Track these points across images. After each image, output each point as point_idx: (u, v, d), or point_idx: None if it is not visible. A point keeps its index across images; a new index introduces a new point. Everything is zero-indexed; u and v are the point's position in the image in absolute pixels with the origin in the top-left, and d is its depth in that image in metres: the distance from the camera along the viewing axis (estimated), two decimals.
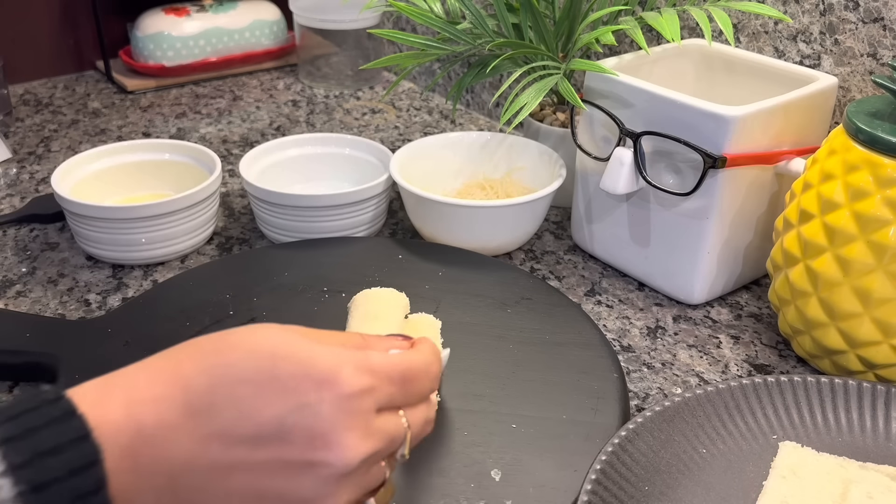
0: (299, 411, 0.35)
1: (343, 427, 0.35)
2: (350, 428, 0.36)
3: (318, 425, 0.35)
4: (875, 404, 0.55)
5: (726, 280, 0.70)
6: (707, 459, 0.52)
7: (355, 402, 0.36)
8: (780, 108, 0.63)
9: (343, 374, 0.36)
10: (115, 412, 0.33)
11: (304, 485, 0.35)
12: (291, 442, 0.35)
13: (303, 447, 0.35)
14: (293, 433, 0.35)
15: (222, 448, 0.34)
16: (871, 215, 0.54)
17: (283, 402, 0.35)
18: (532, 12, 0.73)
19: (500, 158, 0.82)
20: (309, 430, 0.35)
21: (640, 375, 0.62)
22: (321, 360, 0.36)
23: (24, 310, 0.68)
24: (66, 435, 0.30)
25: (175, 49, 1.14)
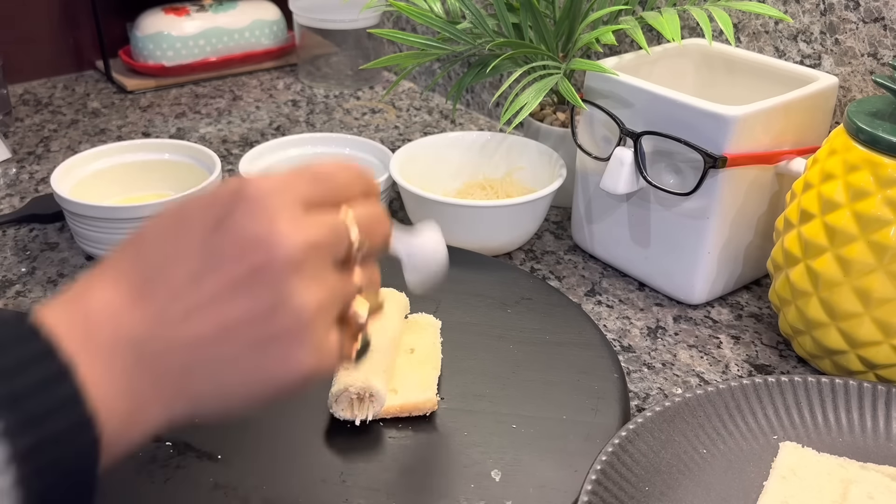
0: (219, 228, 0.34)
1: (268, 221, 0.34)
2: (276, 220, 0.34)
3: (243, 232, 0.34)
4: (875, 404, 0.55)
5: (727, 280, 0.69)
6: (707, 460, 0.52)
7: (272, 200, 0.35)
8: (781, 108, 0.63)
9: (249, 184, 0.35)
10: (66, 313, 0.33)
11: (261, 296, 0.34)
12: (226, 259, 0.34)
13: (238, 258, 0.34)
14: (223, 251, 0.34)
15: (168, 299, 0.34)
16: (872, 215, 0.54)
17: (202, 227, 0.34)
18: (532, 12, 0.73)
19: (500, 158, 0.82)
20: (236, 240, 0.34)
21: (641, 375, 0.62)
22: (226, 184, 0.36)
23: (23, 310, 0.68)
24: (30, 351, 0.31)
25: (175, 49, 1.14)
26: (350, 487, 0.49)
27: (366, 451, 0.51)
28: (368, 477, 0.49)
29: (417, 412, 0.54)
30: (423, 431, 0.53)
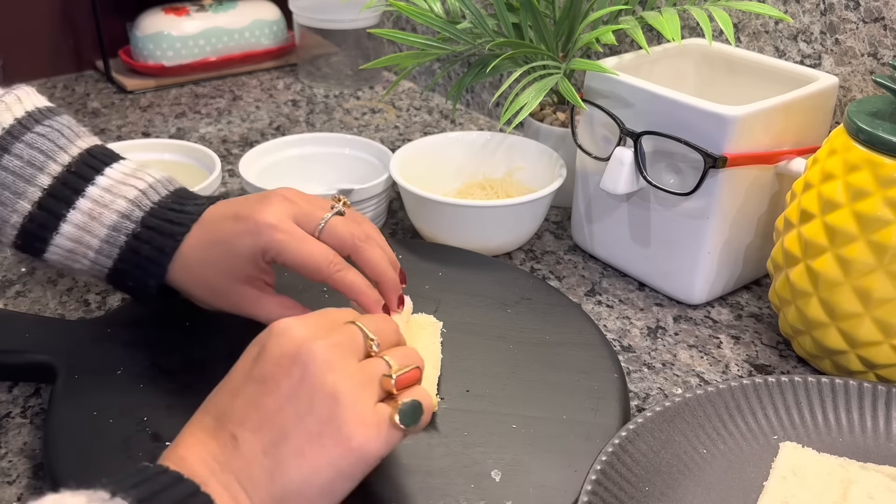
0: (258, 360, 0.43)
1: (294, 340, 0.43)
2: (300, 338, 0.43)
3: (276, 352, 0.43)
4: (875, 404, 0.55)
5: (727, 280, 0.69)
6: (707, 460, 0.52)
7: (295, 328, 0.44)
8: (781, 108, 0.63)
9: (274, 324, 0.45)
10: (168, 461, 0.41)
11: (301, 395, 0.42)
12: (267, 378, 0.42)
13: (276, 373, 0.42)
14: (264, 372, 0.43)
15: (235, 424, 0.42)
16: (872, 215, 0.54)
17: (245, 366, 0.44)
18: (532, 12, 0.73)
19: (500, 158, 0.82)
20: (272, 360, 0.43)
21: (641, 375, 0.62)
22: None
23: (23, 310, 0.68)
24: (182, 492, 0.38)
25: (175, 49, 1.14)
26: None
27: None
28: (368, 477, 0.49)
29: None
30: (423, 431, 0.53)
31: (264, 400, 0.42)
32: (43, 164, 0.56)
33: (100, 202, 0.56)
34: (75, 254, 0.56)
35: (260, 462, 0.41)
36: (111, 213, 0.56)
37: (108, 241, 0.56)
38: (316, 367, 0.42)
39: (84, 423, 0.52)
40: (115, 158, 0.59)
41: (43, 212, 0.55)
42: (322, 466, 0.41)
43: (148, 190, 0.58)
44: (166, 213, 0.57)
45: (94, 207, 0.56)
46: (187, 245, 0.56)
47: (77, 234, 0.56)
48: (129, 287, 0.58)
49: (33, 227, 0.56)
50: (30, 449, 0.55)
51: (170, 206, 0.57)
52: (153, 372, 0.57)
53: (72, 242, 0.56)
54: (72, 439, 0.51)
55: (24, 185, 0.55)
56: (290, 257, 0.55)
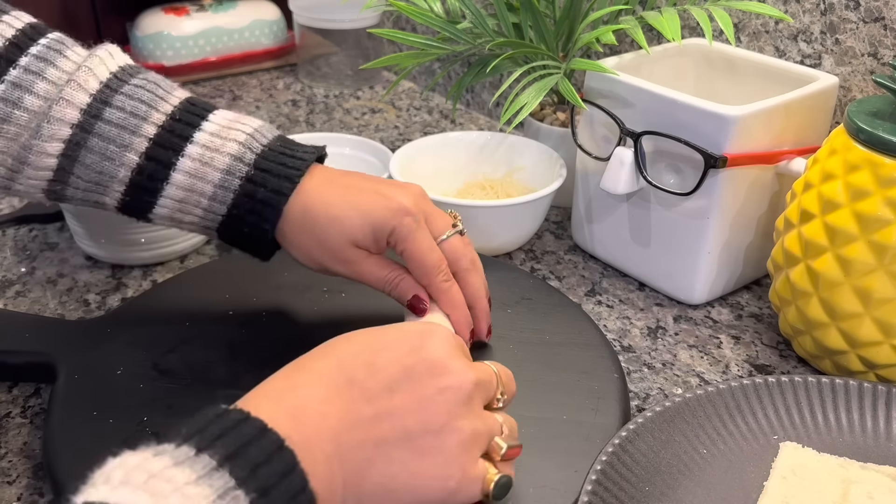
0: (414, 353, 0.43)
1: (452, 357, 0.43)
2: (457, 357, 0.44)
3: (435, 356, 0.43)
4: (876, 405, 0.55)
5: (727, 280, 0.69)
6: (707, 460, 0.52)
7: (453, 340, 0.45)
8: (781, 108, 0.63)
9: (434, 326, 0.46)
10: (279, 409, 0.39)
11: (438, 413, 0.41)
12: (417, 377, 0.42)
13: (428, 378, 0.42)
14: (416, 370, 0.42)
15: (366, 404, 0.41)
16: (872, 215, 0.54)
17: (399, 350, 0.43)
18: (532, 12, 0.73)
19: (500, 158, 0.82)
20: (429, 362, 0.42)
21: (641, 376, 0.62)
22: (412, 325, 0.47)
23: (23, 310, 0.68)
24: (268, 448, 0.36)
25: (175, 49, 1.14)
26: None
27: None
28: None
29: None
30: None
31: (404, 397, 0.41)
32: (146, 113, 0.54)
33: (210, 147, 0.55)
34: (187, 204, 0.55)
35: (368, 451, 0.40)
36: (223, 156, 0.55)
37: (223, 186, 0.55)
38: (460, 397, 0.42)
39: (84, 423, 0.52)
40: (214, 108, 0.57)
41: (152, 162, 0.54)
42: (412, 486, 0.41)
43: (255, 133, 0.56)
44: (278, 155, 0.56)
45: (204, 153, 0.54)
46: (306, 189, 0.55)
47: (189, 183, 0.54)
48: (242, 234, 0.56)
49: (142, 180, 0.54)
50: (30, 449, 0.55)
51: (280, 150, 0.56)
52: (153, 372, 0.57)
53: (183, 192, 0.55)
54: (72, 439, 0.51)
55: (129, 137, 0.54)
56: (414, 248, 0.55)
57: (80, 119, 0.53)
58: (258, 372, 0.58)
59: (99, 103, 0.54)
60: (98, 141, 0.53)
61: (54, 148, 0.53)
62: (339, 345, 0.44)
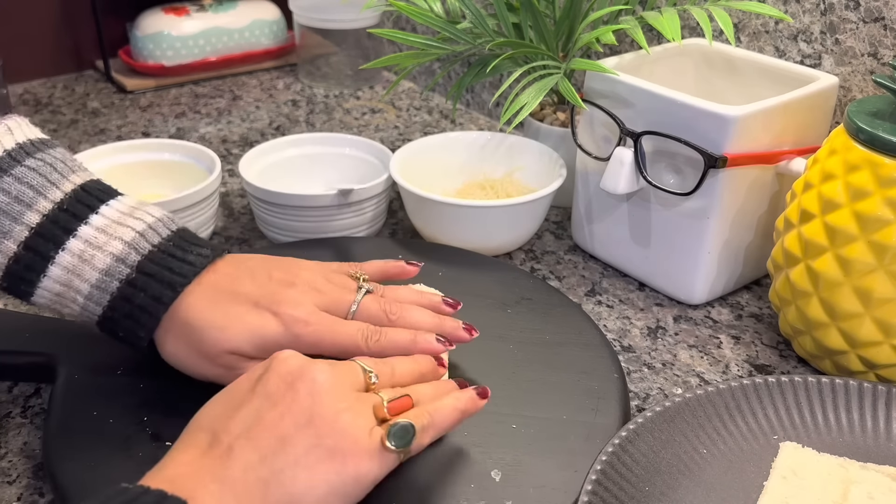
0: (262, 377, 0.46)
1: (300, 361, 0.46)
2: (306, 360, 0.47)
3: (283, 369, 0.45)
4: (876, 404, 0.55)
5: (727, 280, 0.69)
6: (707, 460, 0.52)
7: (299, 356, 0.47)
8: (781, 108, 0.63)
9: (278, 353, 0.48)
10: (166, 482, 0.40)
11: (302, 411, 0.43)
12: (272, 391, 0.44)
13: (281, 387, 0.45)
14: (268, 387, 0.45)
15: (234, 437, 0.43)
16: (872, 215, 0.54)
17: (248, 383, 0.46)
18: (532, 12, 0.73)
19: (500, 158, 0.82)
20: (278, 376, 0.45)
21: (641, 376, 0.62)
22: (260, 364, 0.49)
23: (23, 310, 0.68)
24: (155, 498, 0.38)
25: (174, 49, 1.14)
26: None
27: None
28: None
29: None
30: None
31: (268, 413, 0.43)
32: (32, 200, 0.51)
33: (93, 243, 0.52)
34: (64, 298, 0.52)
35: (256, 472, 0.41)
36: (105, 255, 0.52)
37: (99, 287, 0.51)
38: (318, 387, 0.44)
39: (84, 423, 0.52)
40: (112, 195, 0.54)
41: (29, 252, 0.51)
42: (318, 482, 0.42)
43: (147, 231, 0.53)
44: (166, 259, 0.53)
45: (85, 249, 0.51)
46: (188, 303, 0.52)
47: (66, 278, 0.51)
48: (119, 337, 0.54)
49: (19, 269, 0.51)
50: (30, 449, 0.55)
51: (170, 252, 0.53)
52: (153, 372, 0.57)
53: (60, 286, 0.52)
54: (72, 439, 0.51)
55: (10, 224, 0.51)
56: (328, 346, 0.53)
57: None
58: None
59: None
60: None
61: None
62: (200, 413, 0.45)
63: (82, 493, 0.48)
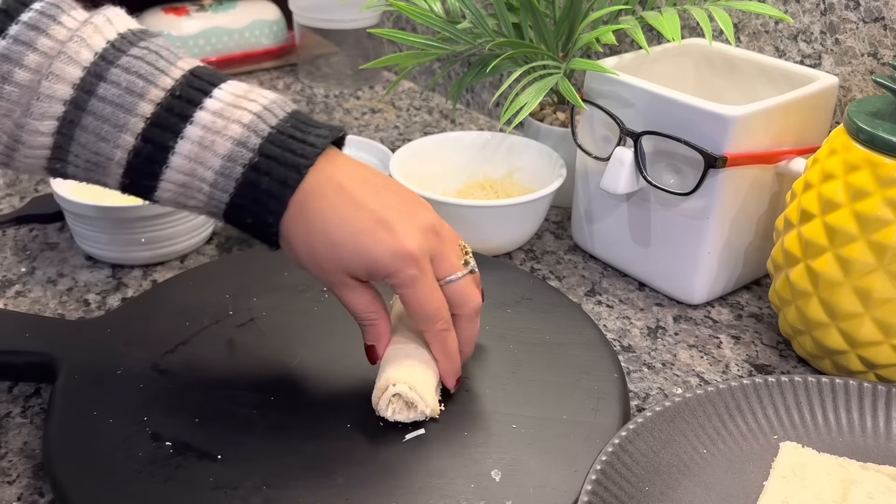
0: None
1: None
2: None
3: None
4: (876, 404, 0.55)
5: (727, 280, 0.69)
6: (707, 460, 0.52)
7: None
8: (781, 108, 0.63)
9: None
10: None
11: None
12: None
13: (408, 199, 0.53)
14: None
15: None
16: (872, 215, 0.54)
17: None
18: (532, 12, 0.73)
19: (500, 158, 0.82)
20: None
21: (641, 375, 0.62)
22: None
23: (23, 310, 0.68)
24: None
25: None
26: (350, 487, 0.48)
27: (366, 451, 0.51)
28: (368, 477, 0.49)
29: None
30: (424, 431, 0.53)
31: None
32: (143, 89, 0.49)
33: (211, 128, 0.50)
34: (189, 188, 0.51)
35: None
36: (224, 140, 0.50)
37: (224, 174, 0.50)
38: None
39: (84, 423, 0.52)
40: (223, 79, 0.52)
41: (149, 145, 0.49)
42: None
43: (263, 113, 0.51)
44: (286, 140, 0.51)
45: (204, 135, 0.49)
46: (308, 189, 0.51)
47: (189, 167, 0.50)
48: (247, 224, 0.52)
49: (140, 162, 0.50)
50: (30, 449, 0.55)
51: (290, 133, 0.51)
52: (153, 372, 0.57)
53: (184, 176, 0.50)
54: (72, 439, 0.51)
55: (124, 116, 0.49)
56: (412, 297, 0.51)
57: (72, 95, 0.48)
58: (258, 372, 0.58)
59: (93, 77, 0.49)
60: (92, 120, 0.49)
61: (47, 126, 0.49)
62: None
63: (82, 493, 0.48)
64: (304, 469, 0.50)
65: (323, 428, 0.53)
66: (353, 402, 0.55)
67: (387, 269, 0.50)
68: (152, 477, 0.49)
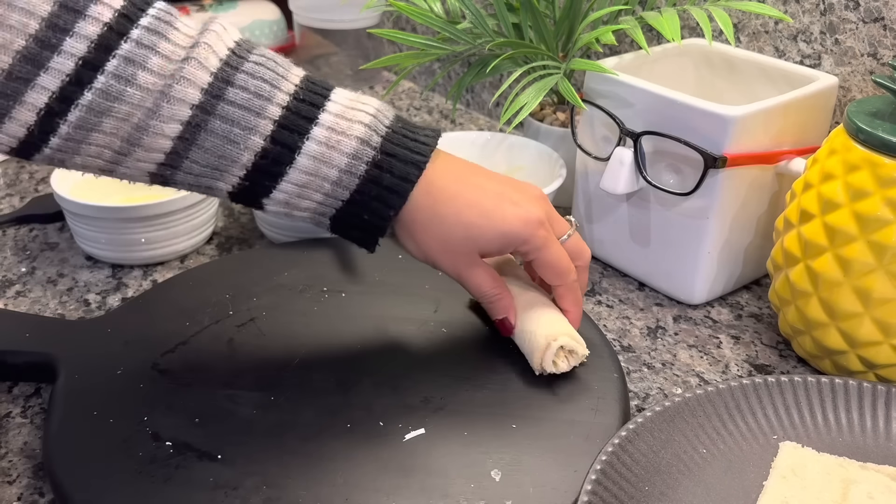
0: None
1: None
2: None
3: None
4: (875, 404, 0.55)
5: (727, 280, 0.69)
6: (707, 459, 0.52)
7: None
8: (781, 108, 0.63)
9: None
10: None
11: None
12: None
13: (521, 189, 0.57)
14: None
15: None
16: (872, 215, 0.54)
17: None
18: (532, 12, 0.73)
19: (500, 158, 0.82)
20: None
21: (641, 375, 0.62)
22: None
23: (23, 310, 0.68)
24: None
25: None
26: (350, 487, 0.49)
27: (366, 451, 0.51)
28: (368, 477, 0.49)
29: None
30: (423, 431, 0.53)
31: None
32: (270, 93, 0.51)
33: (336, 129, 0.52)
34: (307, 189, 0.53)
35: None
36: (350, 140, 0.52)
37: (349, 171, 0.52)
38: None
39: (84, 423, 0.52)
40: (332, 85, 0.55)
41: (277, 146, 0.51)
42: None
43: (378, 114, 0.54)
44: (402, 138, 0.54)
45: (330, 136, 0.52)
46: (431, 180, 0.55)
47: (314, 167, 0.52)
48: (361, 221, 0.54)
49: (266, 164, 0.51)
50: (30, 449, 0.55)
51: (403, 133, 0.54)
52: (153, 372, 0.57)
53: (307, 176, 0.52)
54: (72, 439, 0.51)
55: (254, 119, 0.50)
56: (547, 257, 0.56)
57: (201, 99, 0.50)
58: (258, 372, 0.58)
59: (221, 83, 0.50)
60: (220, 123, 0.50)
61: (172, 129, 0.49)
62: None
63: (82, 493, 0.48)
64: (304, 469, 0.50)
65: (323, 428, 0.53)
66: (353, 403, 0.55)
67: (521, 236, 0.55)
68: (152, 477, 0.49)
